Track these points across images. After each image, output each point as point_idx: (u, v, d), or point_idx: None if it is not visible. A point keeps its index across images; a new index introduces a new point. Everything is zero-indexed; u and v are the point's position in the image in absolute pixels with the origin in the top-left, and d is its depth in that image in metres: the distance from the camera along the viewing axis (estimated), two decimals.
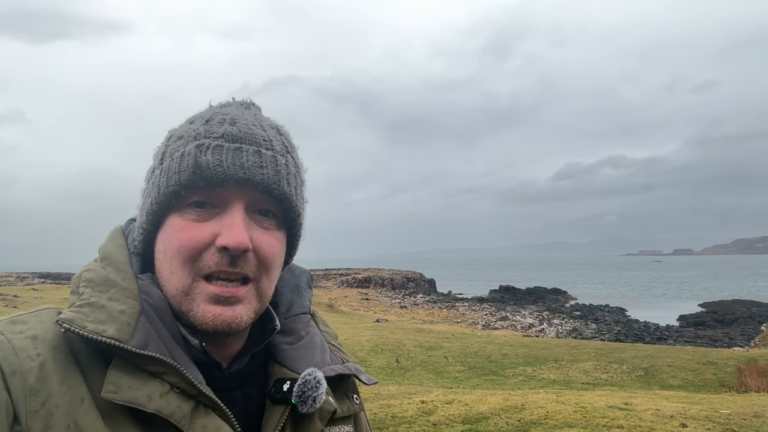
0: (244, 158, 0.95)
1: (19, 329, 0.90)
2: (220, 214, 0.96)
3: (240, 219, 0.94)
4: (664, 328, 36.13)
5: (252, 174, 0.95)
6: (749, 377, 12.46)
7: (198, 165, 0.94)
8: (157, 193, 0.97)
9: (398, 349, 16.76)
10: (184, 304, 0.95)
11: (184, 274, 0.94)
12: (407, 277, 61.09)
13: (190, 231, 0.94)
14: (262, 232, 0.98)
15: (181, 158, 0.95)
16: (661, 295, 70.54)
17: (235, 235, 0.93)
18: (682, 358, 15.32)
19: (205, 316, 0.94)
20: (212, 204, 0.96)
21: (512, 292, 62.78)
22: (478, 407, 7.59)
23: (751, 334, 30.99)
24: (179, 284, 0.95)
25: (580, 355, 16.19)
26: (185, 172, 0.94)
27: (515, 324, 34.78)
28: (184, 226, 0.95)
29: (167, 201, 0.96)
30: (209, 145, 0.95)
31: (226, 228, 0.94)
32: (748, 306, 48.86)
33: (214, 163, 0.93)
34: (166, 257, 0.96)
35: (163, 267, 0.97)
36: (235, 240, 0.92)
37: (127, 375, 0.88)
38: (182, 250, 0.94)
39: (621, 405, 7.68)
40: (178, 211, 0.96)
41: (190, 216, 0.96)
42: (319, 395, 0.99)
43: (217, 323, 0.94)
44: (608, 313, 45.59)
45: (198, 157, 0.94)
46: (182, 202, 0.96)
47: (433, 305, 46.56)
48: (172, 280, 0.95)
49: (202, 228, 0.95)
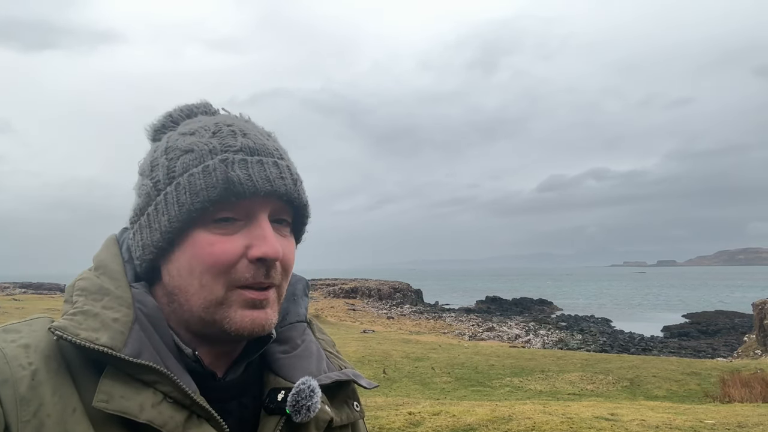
0: (267, 171, 0.96)
1: (12, 338, 0.89)
2: (246, 226, 0.96)
3: (270, 230, 0.96)
4: (648, 339, 36.47)
5: (277, 186, 0.96)
6: (733, 388, 12.59)
7: (229, 180, 0.93)
8: (178, 211, 0.95)
9: (385, 360, 16.71)
10: (219, 313, 0.95)
11: (217, 286, 0.94)
12: (394, 288, 61.05)
13: (223, 245, 0.94)
14: (282, 239, 0.99)
15: (206, 174, 0.94)
16: (645, 305, 71.14)
17: (271, 245, 0.94)
18: (667, 369, 15.45)
19: (243, 320, 0.95)
20: (237, 217, 0.96)
21: (498, 302, 63.04)
22: (466, 418, 7.58)
23: (734, 345, 31.39)
24: (212, 296, 0.94)
25: (566, 366, 16.27)
26: (215, 189, 0.93)
27: (502, 335, 34.88)
28: (214, 240, 0.95)
29: (191, 217, 0.95)
30: (234, 160, 0.95)
31: (260, 240, 0.95)
32: (731, 317, 49.51)
33: (244, 177, 0.94)
34: (193, 273, 0.95)
35: (189, 283, 0.95)
36: (272, 250, 0.94)
37: (119, 384, 0.87)
38: (216, 264, 0.94)
39: (607, 416, 7.71)
40: (204, 227, 0.95)
41: (217, 230, 0.95)
42: (314, 404, 0.98)
43: (255, 326, 0.95)
44: (593, 323, 45.96)
45: (228, 173, 0.94)
46: (207, 218, 0.95)
47: (420, 316, 46.57)
48: (202, 293, 0.95)
49: (233, 241, 0.95)
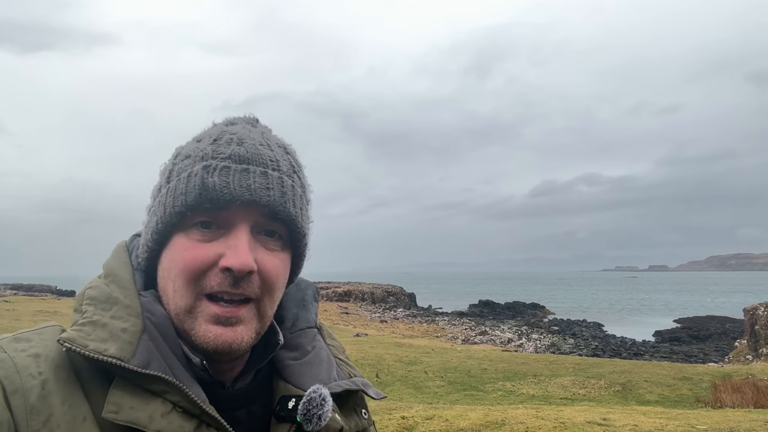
0: (251, 180, 0.96)
1: (22, 347, 0.90)
2: (225, 234, 0.96)
3: (245, 241, 0.95)
4: (640, 344, 36.56)
5: (258, 196, 0.95)
6: (724, 393, 12.65)
7: (204, 186, 0.94)
8: (163, 213, 0.97)
9: (378, 364, 16.67)
10: (187, 323, 0.95)
11: (187, 293, 0.95)
12: (387, 291, 60.96)
13: (195, 251, 0.95)
14: (267, 253, 0.98)
15: (188, 179, 0.96)
16: (637, 310, 71.38)
17: (240, 257, 0.93)
18: (659, 374, 15.51)
19: (207, 336, 0.94)
20: (218, 224, 0.96)
21: (491, 306, 63.04)
22: (459, 423, 7.59)
23: (725, 350, 31.51)
24: (182, 303, 0.95)
25: (558, 370, 16.29)
26: (191, 193, 0.95)
27: (494, 339, 34.88)
28: (189, 246, 0.96)
29: (172, 220, 0.96)
30: (216, 167, 0.96)
31: (231, 249, 0.94)
32: (722, 322, 49.72)
33: (220, 184, 0.94)
34: (170, 276, 0.96)
35: (167, 285, 0.97)
36: (239, 262, 0.93)
37: (128, 394, 0.88)
38: (186, 269, 0.95)
39: (599, 420, 7.73)
40: (184, 231, 0.97)
41: (195, 236, 0.96)
42: (325, 413, 0.98)
43: (218, 344, 0.94)
44: (586, 328, 46.02)
45: (205, 179, 0.94)
46: (188, 222, 0.96)
47: (413, 319, 46.50)
48: (175, 298, 0.96)
49: (206, 248, 0.95)
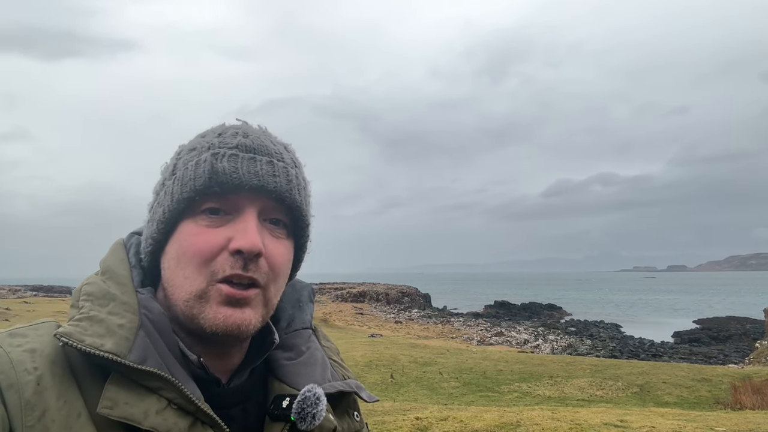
0: (258, 167, 0.98)
1: (18, 342, 0.90)
2: (233, 219, 0.98)
3: (254, 224, 0.97)
4: (659, 345, 36.10)
5: (266, 182, 0.98)
6: (744, 394, 12.46)
7: (214, 171, 0.96)
8: (170, 201, 0.98)
9: (393, 365, 16.67)
10: (197, 308, 0.96)
11: (199, 277, 0.95)
12: (402, 292, 60.97)
13: (205, 236, 0.96)
14: (273, 239, 1.00)
15: (197, 165, 0.98)
16: (656, 311, 70.56)
17: (249, 238, 0.95)
18: (677, 375, 15.30)
19: (217, 317, 0.95)
20: (226, 210, 0.98)
21: (507, 307, 62.73)
22: (473, 424, 7.55)
23: (746, 351, 30.99)
24: (193, 288, 0.96)
25: (575, 372, 16.15)
26: (201, 178, 0.96)
27: (510, 340, 34.68)
28: (199, 231, 0.97)
29: (180, 207, 0.97)
30: (224, 154, 0.98)
31: (240, 232, 0.96)
32: (743, 323, 48.91)
33: (230, 169, 0.96)
34: (179, 263, 0.97)
35: (176, 274, 0.97)
36: (249, 243, 0.95)
37: (123, 390, 0.88)
38: (197, 254, 0.96)
39: (616, 422, 7.65)
40: (192, 218, 0.98)
41: (203, 222, 0.97)
42: (319, 412, 0.98)
43: (228, 324, 0.95)
44: (603, 329, 45.54)
45: (214, 164, 0.97)
46: (196, 209, 0.98)
47: (428, 320, 46.39)
48: (185, 285, 0.96)
49: (216, 233, 0.97)
